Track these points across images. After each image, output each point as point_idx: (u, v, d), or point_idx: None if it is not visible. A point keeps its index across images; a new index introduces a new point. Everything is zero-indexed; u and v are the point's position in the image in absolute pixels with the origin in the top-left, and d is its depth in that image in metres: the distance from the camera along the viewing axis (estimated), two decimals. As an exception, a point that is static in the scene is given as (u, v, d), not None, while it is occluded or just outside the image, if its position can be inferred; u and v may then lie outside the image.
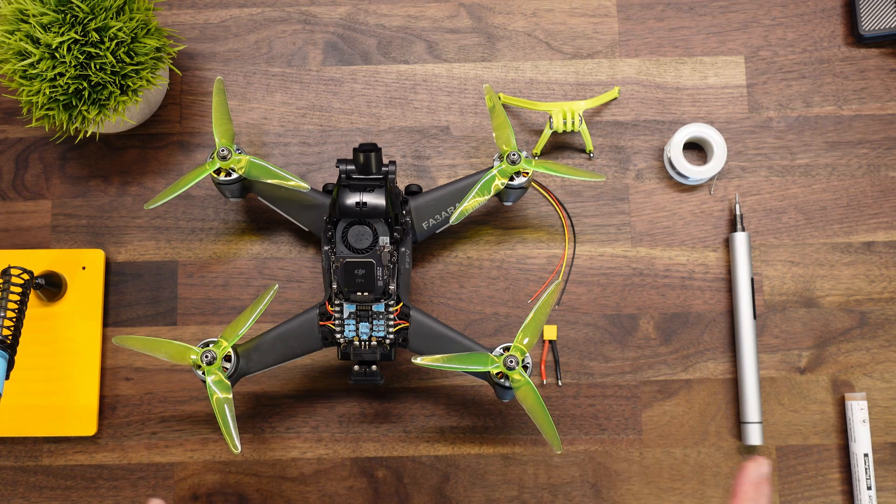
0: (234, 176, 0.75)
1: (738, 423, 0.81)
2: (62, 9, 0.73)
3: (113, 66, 0.74)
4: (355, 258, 0.70)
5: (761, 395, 0.82)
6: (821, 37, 0.87)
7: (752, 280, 0.82)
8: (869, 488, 0.78)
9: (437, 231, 0.79)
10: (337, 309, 0.74)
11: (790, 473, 0.81)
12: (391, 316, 0.74)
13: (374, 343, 0.74)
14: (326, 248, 0.73)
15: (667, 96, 0.86)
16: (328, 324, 0.74)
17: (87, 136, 0.83)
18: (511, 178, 0.76)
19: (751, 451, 0.81)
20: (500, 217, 0.85)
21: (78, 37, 0.73)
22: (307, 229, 0.80)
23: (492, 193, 0.75)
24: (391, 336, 0.74)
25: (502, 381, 0.71)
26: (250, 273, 0.84)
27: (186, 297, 0.84)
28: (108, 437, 0.82)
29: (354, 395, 0.82)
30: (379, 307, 0.73)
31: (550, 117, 0.82)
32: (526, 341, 0.71)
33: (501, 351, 0.71)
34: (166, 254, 0.84)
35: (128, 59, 0.75)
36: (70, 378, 0.81)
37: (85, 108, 0.75)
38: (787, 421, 0.82)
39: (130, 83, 0.76)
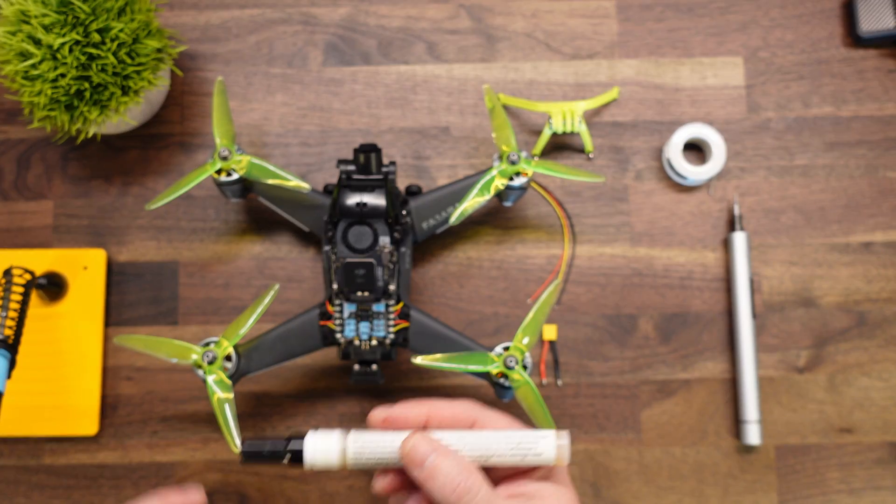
0: (235, 176, 0.76)
1: (737, 423, 0.82)
2: (64, 10, 0.73)
3: (114, 66, 0.74)
4: (356, 258, 0.70)
5: (760, 394, 0.82)
6: (819, 38, 0.87)
7: (751, 280, 0.82)
8: None
9: (437, 231, 0.79)
10: (337, 309, 0.74)
11: (788, 473, 0.81)
12: (391, 316, 0.74)
13: (374, 343, 0.74)
14: (327, 248, 0.74)
15: (666, 97, 0.86)
16: (328, 323, 0.75)
17: (89, 136, 0.83)
18: (511, 179, 0.76)
19: (749, 450, 0.82)
20: (500, 217, 0.85)
21: (79, 38, 0.73)
22: (308, 229, 0.80)
23: (492, 194, 0.75)
24: (391, 336, 0.74)
25: (502, 380, 0.71)
26: (251, 273, 0.84)
27: (187, 297, 0.84)
28: (110, 437, 0.82)
29: (355, 394, 0.83)
30: (379, 307, 0.73)
31: (550, 118, 0.83)
32: (525, 341, 0.71)
33: (501, 351, 0.71)
34: (167, 254, 0.84)
35: (129, 60, 0.75)
36: (71, 378, 0.81)
37: (86, 108, 0.75)
38: (785, 420, 0.82)
39: (132, 84, 0.76)
